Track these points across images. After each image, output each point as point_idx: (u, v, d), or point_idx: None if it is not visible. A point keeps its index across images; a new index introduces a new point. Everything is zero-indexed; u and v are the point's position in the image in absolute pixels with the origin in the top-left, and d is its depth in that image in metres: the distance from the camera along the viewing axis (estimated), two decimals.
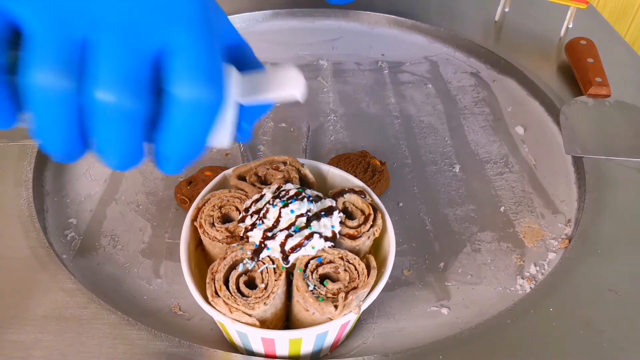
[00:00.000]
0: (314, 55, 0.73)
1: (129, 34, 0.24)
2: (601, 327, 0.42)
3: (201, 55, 0.25)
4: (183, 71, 0.25)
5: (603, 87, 0.63)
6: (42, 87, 0.23)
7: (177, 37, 0.25)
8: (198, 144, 0.27)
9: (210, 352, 0.39)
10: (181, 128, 0.25)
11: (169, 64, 0.25)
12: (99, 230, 0.50)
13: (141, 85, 0.24)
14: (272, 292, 0.35)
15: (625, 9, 1.20)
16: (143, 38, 0.24)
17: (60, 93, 0.23)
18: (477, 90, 0.69)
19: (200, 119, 0.25)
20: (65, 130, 0.24)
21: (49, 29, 0.23)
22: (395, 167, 0.58)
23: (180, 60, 0.25)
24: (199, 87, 0.25)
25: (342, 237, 0.38)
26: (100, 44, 0.24)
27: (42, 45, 0.23)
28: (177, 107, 0.25)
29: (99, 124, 0.24)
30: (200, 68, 0.25)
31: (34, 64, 0.23)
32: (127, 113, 0.24)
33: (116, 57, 0.24)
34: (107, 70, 0.23)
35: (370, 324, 0.43)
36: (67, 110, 0.24)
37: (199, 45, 0.25)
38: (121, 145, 0.25)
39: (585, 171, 0.54)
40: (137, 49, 0.24)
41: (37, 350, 0.39)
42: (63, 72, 0.23)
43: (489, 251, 0.50)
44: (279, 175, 0.41)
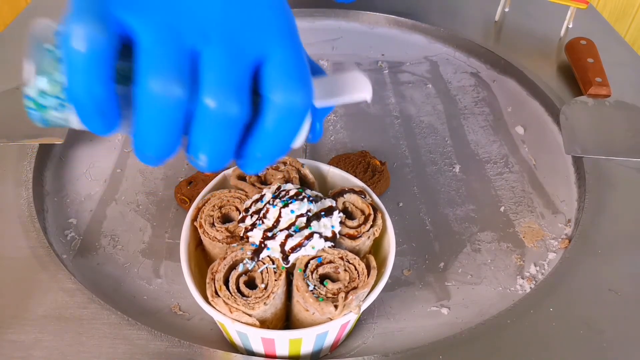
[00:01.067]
0: (314, 55, 0.73)
1: (234, 45, 0.26)
2: (601, 327, 0.42)
3: (294, 63, 0.27)
4: (280, 78, 0.27)
5: (603, 87, 0.63)
6: (158, 95, 0.24)
7: (273, 47, 0.27)
8: (286, 145, 0.28)
9: (210, 352, 0.39)
10: (275, 130, 0.27)
11: (266, 72, 0.27)
12: (99, 230, 0.50)
13: (243, 92, 0.26)
14: (272, 292, 0.35)
15: (625, 9, 1.20)
16: (246, 49, 0.26)
17: (174, 100, 0.25)
18: (477, 90, 0.69)
19: (292, 120, 0.27)
20: (170, 134, 0.26)
21: (162, 40, 0.25)
22: (395, 167, 0.58)
23: (277, 68, 0.27)
24: (294, 93, 0.27)
25: (342, 237, 0.38)
26: (209, 54, 0.25)
27: (156, 54, 0.25)
28: (273, 111, 0.27)
29: (204, 127, 0.26)
30: (294, 75, 0.27)
31: (149, 73, 0.24)
32: (232, 118, 0.26)
33: (222, 67, 0.25)
34: (216, 79, 0.25)
35: (370, 324, 0.43)
36: (177, 116, 0.25)
37: (292, 54, 0.27)
38: (220, 147, 0.27)
39: (585, 171, 0.54)
40: (241, 58, 0.26)
41: (37, 350, 0.39)
42: (177, 80, 0.25)
43: (489, 251, 0.50)
44: (279, 175, 0.41)
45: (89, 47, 0.23)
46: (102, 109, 0.25)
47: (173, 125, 0.25)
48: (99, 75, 0.24)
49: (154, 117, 0.25)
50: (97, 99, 0.25)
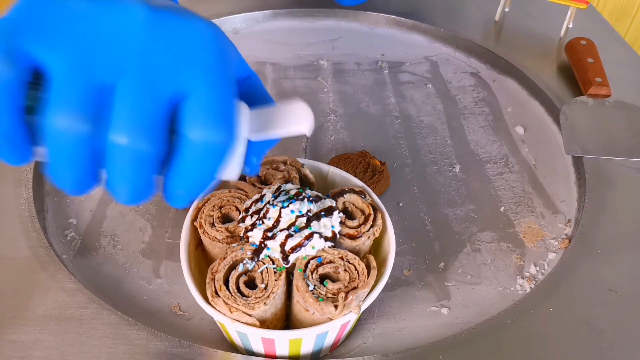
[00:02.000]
0: (314, 55, 0.73)
1: (148, 80, 0.25)
2: (601, 327, 0.42)
3: (215, 100, 0.26)
4: (197, 115, 0.26)
5: (603, 87, 0.63)
6: (61, 130, 0.24)
7: (193, 82, 0.26)
8: (207, 181, 0.28)
9: (210, 352, 0.39)
10: (192, 167, 0.26)
11: (183, 108, 0.26)
12: (99, 230, 0.50)
13: (157, 129, 0.25)
14: (272, 292, 0.35)
15: (625, 9, 1.20)
16: (163, 83, 0.25)
17: (78, 136, 0.24)
18: (477, 90, 0.69)
19: (211, 159, 0.26)
20: (78, 169, 0.25)
21: (71, 74, 0.24)
22: (395, 167, 0.58)
23: (195, 105, 0.26)
24: (212, 130, 0.26)
25: (342, 237, 0.38)
26: (122, 89, 0.25)
27: (63, 89, 0.24)
28: (189, 149, 0.26)
29: (116, 163, 0.25)
30: (213, 112, 0.26)
31: (54, 107, 0.24)
32: (143, 155, 0.25)
33: (134, 102, 0.24)
34: (124, 115, 0.24)
35: (370, 324, 0.43)
36: (82, 151, 0.25)
37: (214, 90, 0.26)
38: (134, 183, 0.26)
39: (585, 171, 0.54)
40: (156, 94, 0.25)
41: (37, 350, 0.39)
42: (82, 115, 0.24)
43: (489, 251, 0.50)
44: (279, 175, 0.41)
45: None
46: (10, 141, 0.25)
47: (81, 161, 0.25)
48: (4, 109, 0.24)
49: (60, 151, 0.24)
50: (4, 130, 0.24)
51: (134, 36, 0.25)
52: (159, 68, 0.25)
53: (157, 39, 0.25)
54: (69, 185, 0.26)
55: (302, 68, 0.71)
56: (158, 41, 0.25)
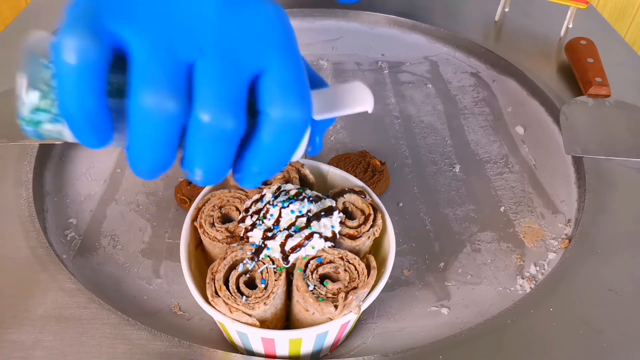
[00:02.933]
0: (314, 55, 0.73)
1: (230, 58, 0.25)
2: (601, 327, 0.42)
3: (293, 78, 0.26)
4: (277, 92, 0.26)
5: (603, 87, 0.63)
6: (151, 109, 0.24)
7: (271, 61, 0.26)
8: (284, 160, 0.28)
9: (210, 352, 0.39)
10: (272, 145, 0.27)
11: (264, 86, 0.26)
12: (99, 230, 0.50)
13: (239, 106, 0.25)
14: (272, 292, 0.35)
15: (625, 9, 1.20)
16: (242, 62, 0.26)
17: (168, 115, 0.24)
18: (477, 90, 0.69)
19: (291, 137, 0.27)
20: (165, 149, 0.25)
21: (157, 53, 0.24)
22: (395, 167, 0.58)
23: (274, 82, 0.26)
24: (292, 107, 0.26)
25: (342, 237, 0.38)
26: (204, 68, 0.25)
27: (150, 68, 0.24)
28: (270, 126, 0.26)
29: (199, 142, 0.25)
30: (292, 89, 0.26)
31: (143, 87, 0.24)
32: (227, 133, 0.25)
33: (216, 80, 0.25)
34: (208, 92, 0.25)
35: (370, 324, 0.43)
36: (172, 130, 0.25)
37: (291, 68, 0.27)
38: (215, 162, 0.26)
39: (585, 171, 0.54)
40: (237, 72, 0.25)
41: (37, 350, 0.39)
42: (171, 94, 0.24)
43: (489, 251, 0.50)
44: (279, 175, 0.41)
45: (80, 60, 0.23)
46: (94, 123, 0.24)
47: (167, 140, 0.25)
48: (90, 89, 0.24)
49: (148, 132, 0.24)
50: (89, 112, 0.24)
51: (209, 16, 0.25)
52: (235, 46, 0.26)
53: (231, 19, 0.26)
54: (148, 165, 0.26)
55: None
56: (232, 21, 0.26)
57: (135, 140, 0.25)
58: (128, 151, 0.26)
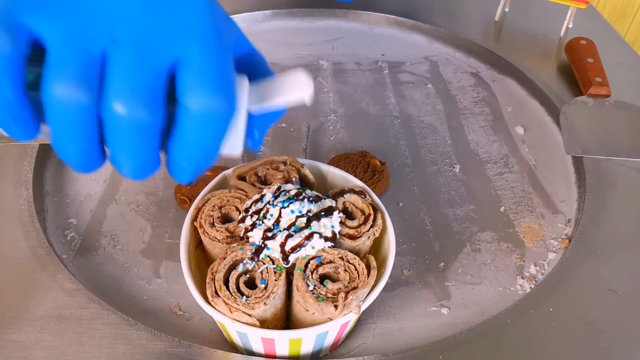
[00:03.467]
0: (314, 55, 0.73)
1: (145, 48, 0.25)
2: (601, 327, 0.42)
3: (212, 66, 0.26)
4: (194, 82, 0.25)
5: (603, 87, 0.63)
6: (62, 100, 0.24)
7: (189, 50, 0.25)
8: (210, 153, 0.27)
9: (210, 352, 0.39)
10: (193, 138, 0.26)
11: (181, 76, 0.25)
12: (99, 230, 0.50)
13: (156, 98, 0.25)
14: (272, 292, 0.35)
15: (625, 9, 1.20)
16: (157, 52, 0.25)
17: (80, 106, 0.24)
18: (477, 90, 0.69)
19: (212, 128, 0.26)
20: (83, 141, 0.25)
21: (69, 44, 0.24)
22: (395, 167, 0.58)
23: (192, 72, 0.25)
24: (210, 98, 0.25)
25: (342, 237, 0.38)
26: (117, 58, 0.24)
27: (62, 59, 0.24)
28: (189, 118, 0.26)
29: (116, 135, 0.25)
30: (211, 79, 0.25)
31: (54, 78, 0.24)
32: (143, 124, 0.25)
33: (132, 71, 0.24)
34: (123, 84, 0.24)
35: (370, 324, 0.43)
36: (86, 122, 0.24)
37: (210, 57, 0.26)
38: (137, 155, 0.26)
39: (585, 171, 0.54)
40: (152, 62, 0.25)
41: (37, 350, 0.39)
42: (82, 85, 0.24)
43: (489, 251, 0.50)
44: (279, 175, 0.41)
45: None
46: (16, 115, 0.25)
47: (82, 131, 0.25)
48: (7, 82, 0.24)
49: (63, 123, 0.24)
50: (8, 104, 0.24)
51: (126, 5, 0.25)
52: (152, 36, 0.25)
53: (150, 7, 0.25)
54: (74, 159, 0.26)
55: (302, 68, 0.71)
56: (150, 9, 0.25)
57: (54, 133, 0.25)
58: (53, 145, 0.25)
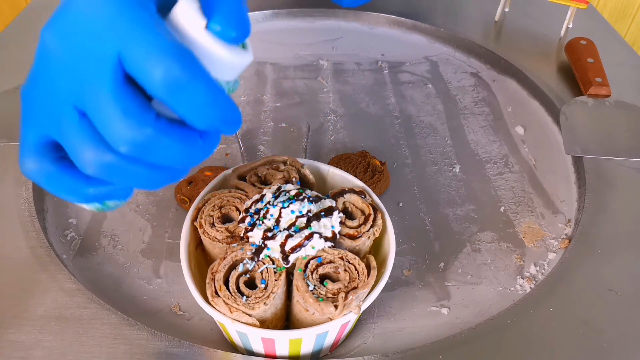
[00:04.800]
0: (314, 55, 0.73)
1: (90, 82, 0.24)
2: (601, 327, 0.42)
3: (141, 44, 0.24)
4: (140, 70, 0.24)
5: (603, 87, 0.63)
6: (93, 168, 0.25)
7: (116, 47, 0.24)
8: (219, 100, 0.25)
9: (210, 352, 0.39)
10: (190, 107, 0.24)
11: (132, 74, 0.24)
12: (99, 230, 0.50)
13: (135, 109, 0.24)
14: (272, 292, 0.35)
15: (625, 9, 1.20)
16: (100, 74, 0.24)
17: (104, 161, 0.25)
18: (477, 90, 0.69)
19: (191, 87, 0.24)
20: (138, 174, 0.26)
21: (59, 127, 0.25)
22: (395, 167, 0.58)
23: (132, 64, 0.24)
24: (161, 70, 0.23)
25: (342, 237, 0.38)
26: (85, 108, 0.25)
27: (66, 143, 0.26)
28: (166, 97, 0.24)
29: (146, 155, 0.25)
30: (147, 55, 0.24)
31: (74, 159, 0.26)
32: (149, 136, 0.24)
33: (100, 107, 0.24)
34: (105, 123, 0.24)
35: (370, 324, 0.43)
36: (121, 165, 0.25)
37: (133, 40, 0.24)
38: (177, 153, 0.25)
39: (585, 171, 0.54)
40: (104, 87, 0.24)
41: (37, 350, 0.39)
42: (90, 148, 0.25)
43: (489, 251, 0.50)
44: (279, 175, 0.41)
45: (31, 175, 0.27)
46: (90, 195, 0.28)
47: (131, 170, 0.25)
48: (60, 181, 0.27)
49: (114, 177, 0.26)
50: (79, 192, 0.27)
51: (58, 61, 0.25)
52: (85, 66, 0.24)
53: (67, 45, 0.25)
54: (150, 185, 0.27)
55: (302, 68, 0.71)
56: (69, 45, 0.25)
57: (119, 184, 0.27)
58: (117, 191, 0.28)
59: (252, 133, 0.61)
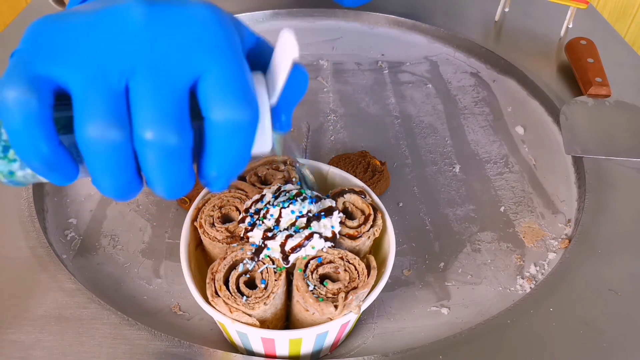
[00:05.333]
0: (314, 55, 0.73)
1: (161, 72, 0.25)
2: (601, 327, 0.42)
3: (230, 77, 0.26)
4: (216, 96, 0.25)
5: (603, 87, 0.63)
6: (97, 141, 0.24)
7: (205, 66, 0.25)
8: (242, 161, 0.27)
9: (210, 352, 0.39)
10: (224, 150, 0.26)
11: (202, 92, 0.26)
12: (99, 230, 0.50)
13: (182, 119, 0.25)
14: (272, 292, 0.35)
15: (625, 9, 1.20)
16: (174, 74, 0.25)
17: (114, 143, 0.24)
18: (477, 90, 0.69)
19: (240, 138, 0.26)
20: (119, 174, 0.26)
21: (91, 86, 0.24)
22: (395, 167, 0.58)
23: (212, 86, 0.25)
24: (233, 109, 0.25)
25: (342, 237, 0.38)
26: (137, 89, 0.25)
27: (88, 102, 0.24)
28: (216, 131, 0.26)
29: (151, 161, 0.25)
30: (230, 90, 0.26)
31: (85, 121, 0.24)
32: (174, 147, 0.25)
33: (153, 98, 0.24)
34: (147, 113, 0.24)
35: (370, 324, 0.43)
36: (122, 156, 0.25)
37: (226, 68, 0.26)
38: (173, 176, 0.26)
39: (585, 171, 0.54)
40: (170, 85, 0.25)
41: (37, 350, 0.39)
42: (112, 123, 0.24)
43: (489, 251, 0.50)
44: (279, 175, 0.41)
45: (21, 111, 0.24)
46: (53, 165, 0.25)
47: (122, 166, 0.25)
48: (39, 135, 0.24)
49: (101, 162, 0.25)
50: (45, 156, 0.25)
51: (136, 35, 0.25)
52: (166, 57, 0.25)
53: (159, 31, 0.25)
54: (114, 192, 0.26)
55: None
56: (159, 33, 0.25)
57: (93, 171, 0.25)
58: (92, 182, 0.26)
59: None
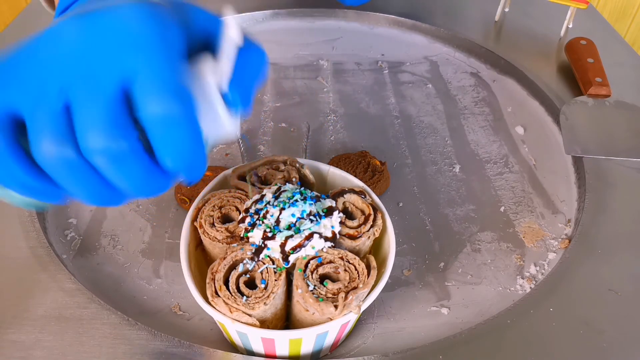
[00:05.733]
0: (314, 55, 0.73)
1: (92, 82, 0.25)
2: (601, 327, 0.42)
3: (155, 74, 0.25)
4: (144, 96, 0.25)
5: (603, 87, 0.63)
6: (49, 158, 0.25)
7: (133, 66, 0.25)
8: (195, 150, 0.27)
9: (210, 352, 0.39)
10: (168, 145, 0.26)
11: (133, 94, 0.25)
12: (99, 230, 0.50)
13: (119, 123, 0.25)
14: (272, 292, 0.35)
15: (625, 9, 1.20)
16: (104, 81, 0.25)
17: (64, 158, 0.25)
18: (477, 90, 0.69)
19: (177, 130, 0.26)
20: (88, 185, 0.26)
21: (35, 107, 0.25)
22: (395, 167, 0.58)
23: (139, 87, 0.25)
24: (161, 103, 0.25)
25: (342, 237, 0.38)
26: (74, 102, 0.25)
27: (35, 122, 0.25)
28: (151, 128, 0.25)
29: (106, 169, 0.25)
30: (156, 86, 0.25)
31: (35, 142, 0.25)
32: (118, 151, 0.25)
33: (86, 110, 0.24)
34: (86, 123, 0.24)
35: (370, 324, 0.43)
36: (78, 169, 0.25)
37: (153, 66, 0.25)
38: (132, 178, 0.26)
39: (585, 171, 0.54)
40: (102, 93, 0.25)
41: (37, 350, 0.39)
42: (56, 140, 0.24)
43: (489, 251, 0.50)
44: (279, 176, 0.41)
45: None
46: (27, 185, 0.26)
47: (83, 178, 0.25)
48: (6, 161, 0.25)
49: (62, 177, 0.25)
50: (19, 179, 0.25)
51: (70, 50, 0.25)
52: (94, 67, 0.25)
53: (89, 42, 0.25)
54: (92, 201, 0.27)
55: (302, 68, 0.71)
56: (90, 43, 0.25)
57: (62, 186, 0.26)
58: (71, 195, 0.27)
59: (252, 133, 0.61)
